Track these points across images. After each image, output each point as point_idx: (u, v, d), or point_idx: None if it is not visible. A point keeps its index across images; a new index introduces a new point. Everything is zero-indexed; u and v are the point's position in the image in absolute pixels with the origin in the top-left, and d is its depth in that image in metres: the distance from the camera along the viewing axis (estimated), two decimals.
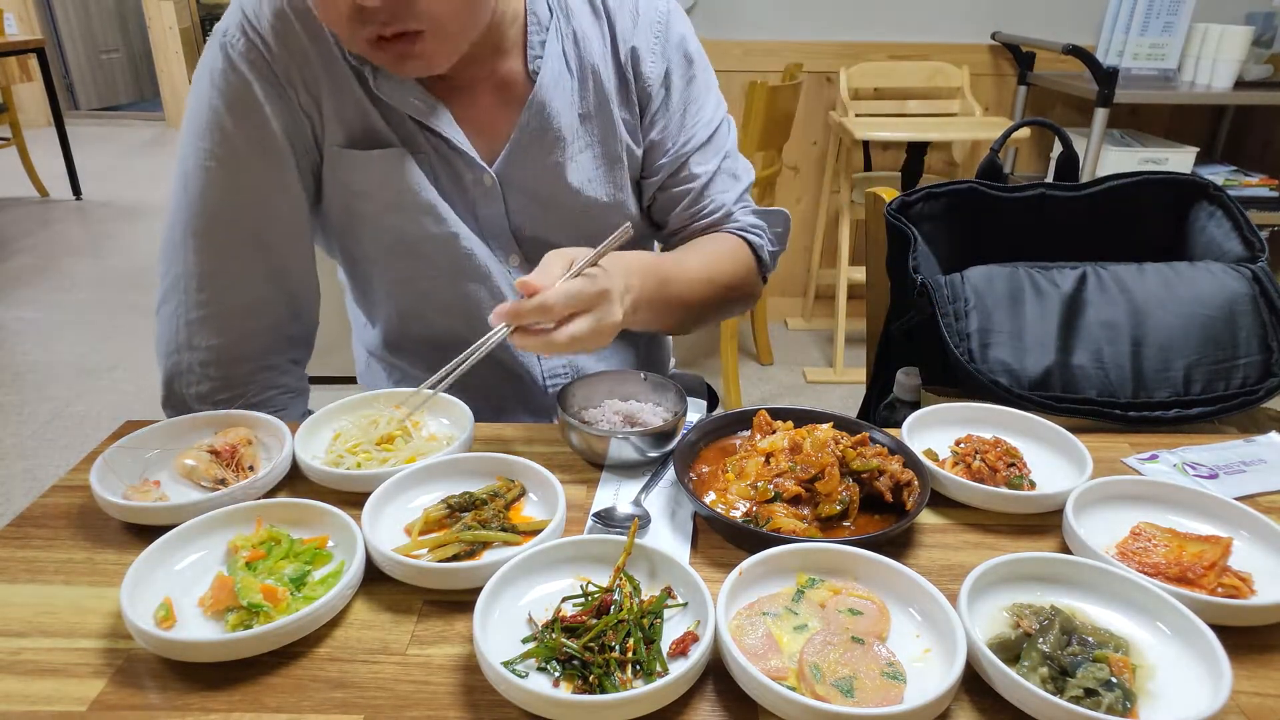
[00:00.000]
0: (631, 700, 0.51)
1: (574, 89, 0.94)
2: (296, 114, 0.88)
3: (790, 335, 3.25)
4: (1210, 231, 1.02)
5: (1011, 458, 0.77)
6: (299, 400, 0.97)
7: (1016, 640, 0.57)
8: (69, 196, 4.86)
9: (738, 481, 0.74)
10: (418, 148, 0.91)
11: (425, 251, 0.94)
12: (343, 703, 0.54)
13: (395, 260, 0.96)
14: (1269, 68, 2.81)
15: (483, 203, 0.95)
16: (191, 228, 0.88)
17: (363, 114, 0.89)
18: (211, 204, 0.87)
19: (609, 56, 0.96)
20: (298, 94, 0.87)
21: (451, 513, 0.70)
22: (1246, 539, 0.68)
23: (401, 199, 0.91)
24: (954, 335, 0.93)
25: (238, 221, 0.88)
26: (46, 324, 3.26)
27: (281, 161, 0.88)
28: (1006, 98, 3.06)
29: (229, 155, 0.86)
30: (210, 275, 0.88)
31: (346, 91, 0.88)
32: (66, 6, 6.80)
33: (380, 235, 0.94)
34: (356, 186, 0.91)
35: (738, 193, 1.04)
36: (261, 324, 0.92)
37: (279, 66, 0.86)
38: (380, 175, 0.90)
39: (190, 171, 0.87)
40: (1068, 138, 1.19)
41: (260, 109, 0.86)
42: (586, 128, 0.96)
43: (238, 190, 0.87)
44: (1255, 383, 0.91)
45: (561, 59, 0.93)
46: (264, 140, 0.87)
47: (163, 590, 0.61)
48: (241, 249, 0.89)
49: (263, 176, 0.88)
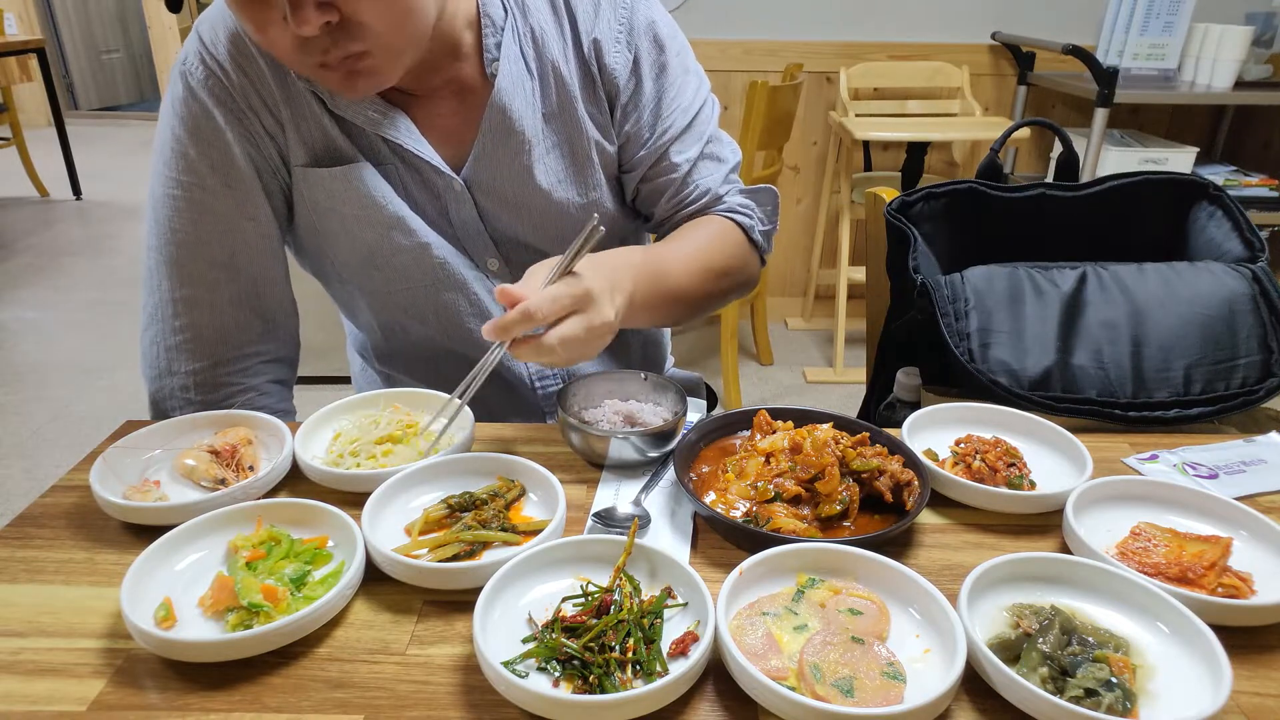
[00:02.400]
0: (631, 700, 0.51)
1: (534, 89, 0.92)
2: (260, 139, 0.88)
3: (790, 335, 3.25)
4: (1210, 231, 1.02)
5: (1011, 458, 0.77)
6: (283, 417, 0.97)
7: (1016, 640, 0.57)
8: (69, 196, 4.86)
9: (738, 481, 0.74)
10: (382, 159, 0.90)
11: (397, 264, 0.94)
12: (343, 703, 0.54)
13: (368, 275, 0.96)
14: (1269, 68, 2.81)
15: (455, 208, 0.94)
16: (164, 255, 0.89)
17: (323, 131, 0.89)
18: (180, 232, 0.88)
19: (570, 51, 0.93)
20: (260, 118, 0.87)
21: (451, 513, 0.70)
22: (1246, 539, 0.68)
23: (368, 214, 0.90)
24: (954, 335, 0.93)
25: (207, 248, 0.89)
26: (46, 324, 3.26)
27: (247, 188, 0.89)
28: (1006, 98, 3.06)
29: (194, 184, 0.87)
30: (185, 302, 0.89)
31: (306, 111, 0.88)
32: (66, 6, 6.80)
33: (351, 251, 0.94)
34: (323, 204, 0.91)
35: (723, 175, 1.01)
36: (238, 348, 0.92)
37: (238, 93, 0.86)
38: (344, 191, 0.90)
39: (159, 200, 0.88)
40: (1068, 138, 1.19)
41: (222, 136, 0.86)
42: (551, 128, 0.93)
43: (205, 218, 0.88)
44: (1255, 383, 0.91)
45: (520, 60, 0.91)
46: (228, 168, 0.87)
47: (163, 590, 0.61)
48: (213, 275, 0.89)
49: (229, 204, 0.88)
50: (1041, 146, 3.14)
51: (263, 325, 0.94)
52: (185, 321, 0.89)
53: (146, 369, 0.92)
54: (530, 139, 0.92)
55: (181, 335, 0.90)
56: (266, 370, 0.95)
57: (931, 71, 2.93)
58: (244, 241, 0.90)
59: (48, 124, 4.77)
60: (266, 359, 0.95)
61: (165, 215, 0.88)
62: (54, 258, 3.98)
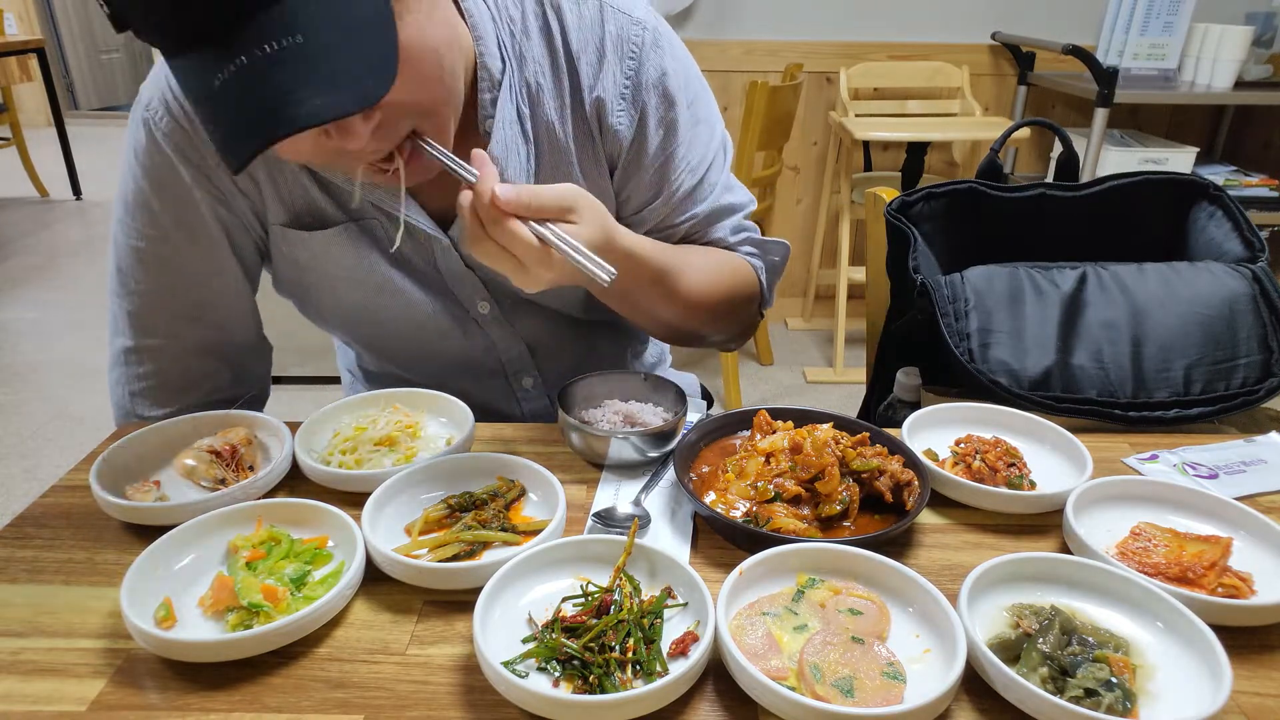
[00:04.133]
0: (631, 700, 0.51)
1: (529, 154, 0.85)
2: (231, 196, 0.84)
3: (790, 335, 3.25)
4: (1210, 231, 1.02)
5: (1011, 458, 0.77)
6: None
7: (1016, 640, 0.57)
8: (69, 196, 4.86)
9: (738, 481, 0.74)
10: (365, 214, 0.86)
11: (384, 320, 0.92)
12: (343, 703, 0.54)
13: (355, 326, 0.94)
14: (1269, 68, 2.81)
15: (442, 257, 0.89)
16: (125, 305, 0.86)
17: (304, 190, 0.84)
18: (143, 285, 0.85)
19: (568, 111, 0.85)
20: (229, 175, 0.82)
21: (451, 513, 0.70)
22: (1246, 539, 0.68)
23: (353, 275, 0.87)
24: (954, 335, 0.93)
25: (170, 302, 0.86)
26: (46, 324, 3.26)
27: (213, 245, 0.85)
28: (1006, 98, 3.06)
29: (158, 238, 0.83)
30: (148, 350, 0.87)
31: (285, 169, 0.83)
32: (66, 6, 6.80)
33: (336, 306, 0.92)
34: (305, 263, 0.88)
35: (733, 224, 0.95)
36: (203, 394, 0.91)
37: (207, 148, 0.80)
38: (326, 255, 0.86)
39: (121, 250, 0.85)
40: (1068, 138, 1.19)
41: (188, 193, 0.82)
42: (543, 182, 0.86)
43: (167, 274, 0.85)
44: (1255, 383, 0.91)
45: (515, 123, 0.84)
46: (193, 225, 0.83)
47: (163, 590, 0.61)
48: (176, 327, 0.87)
49: (194, 260, 0.85)
50: (1041, 146, 3.14)
51: (230, 372, 0.92)
52: (149, 369, 0.88)
53: (113, 404, 0.91)
54: None
55: (144, 382, 0.88)
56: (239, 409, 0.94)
57: (931, 71, 2.93)
58: (210, 294, 0.87)
59: (48, 124, 4.77)
60: (234, 402, 0.93)
61: (128, 266, 0.84)
62: (54, 258, 3.98)
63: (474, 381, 0.97)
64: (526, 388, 1.00)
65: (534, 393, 1.01)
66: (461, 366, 0.96)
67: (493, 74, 0.81)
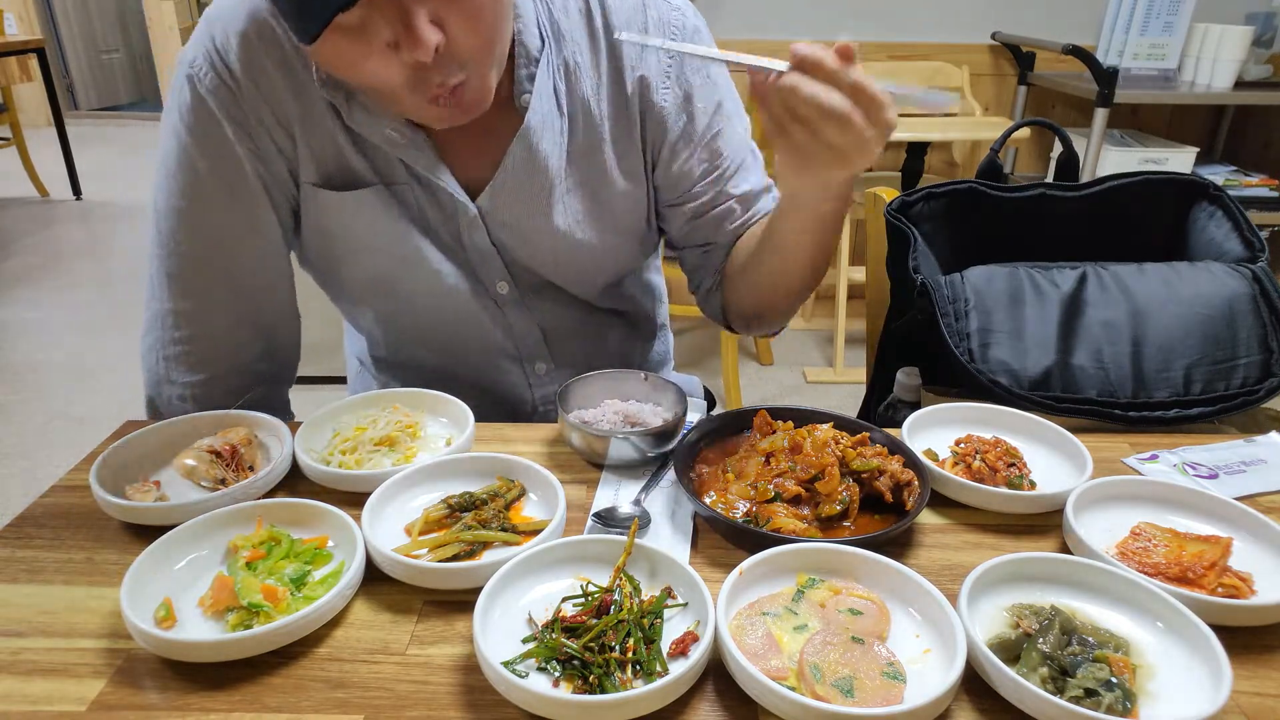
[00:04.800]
0: (631, 700, 0.51)
1: (563, 129, 0.88)
2: (270, 154, 0.85)
3: (790, 335, 3.25)
4: (1210, 231, 1.02)
5: (1011, 458, 0.77)
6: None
7: (1016, 640, 0.57)
8: (69, 196, 4.86)
9: (738, 481, 0.74)
10: (396, 179, 0.87)
11: (406, 292, 0.92)
12: (343, 703, 0.54)
13: (375, 296, 0.95)
14: (1269, 68, 2.81)
15: (468, 232, 0.90)
16: (165, 267, 0.86)
17: (337, 149, 0.85)
18: (184, 245, 0.85)
19: (605, 90, 0.88)
20: (270, 133, 0.84)
21: (451, 513, 0.70)
22: (1246, 539, 0.68)
23: (381, 241, 0.88)
24: (954, 335, 0.93)
25: (210, 263, 0.86)
26: (46, 324, 3.26)
27: (254, 203, 0.85)
28: (1006, 98, 3.06)
29: (200, 197, 0.84)
30: (185, 315, 0.87)
31: (321, 126, 0.84)
32: (66, 6, 6.80)
33: (359, 274, 0.92)
34: (333, 228, 0.88)
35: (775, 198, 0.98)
36: (236, 365, 0.91)
37: (249, 105, 0.82)
38: (356, 217, 0.87)
39: (163, 211, 0.85)
40: (1068, 138, 1.19)
41: (231, 150, 0.83)
42: (575, 168, 0.90)
43: (209, 233, 0.85)
44: (1255, 383, 0.91)
45: (552, 97, 0.87)
46: (235, 183, 0.84)
47: (163, 590, 0.61)
48: (214, 291, 0.87)
49: (235, 219, 0.85)
50: (1041, 146, 3.14)
51: (263, 344, 0.92)
52: (184, 334, 0.88)
53: (145, 372, 0.91)
54: (553, 179, 0.89)
55: (180, 347, 0.88)
56: (265, 380, 0.94)
57: (931, 71, 2.93)
58: (248, 257, 0.88)
59: (48, 124, 4.77)
60: (264, 376, 0.94)
61: (168, 227, 0.85)
62: (54, 258, 3.98)
63: (488, 362, 0.98)
64: (539, 373, 1.01)
65: (546, 379, 1.02)
66: (477, 346, 0.97)
67: (530, 51, 0.85)
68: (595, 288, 0.99)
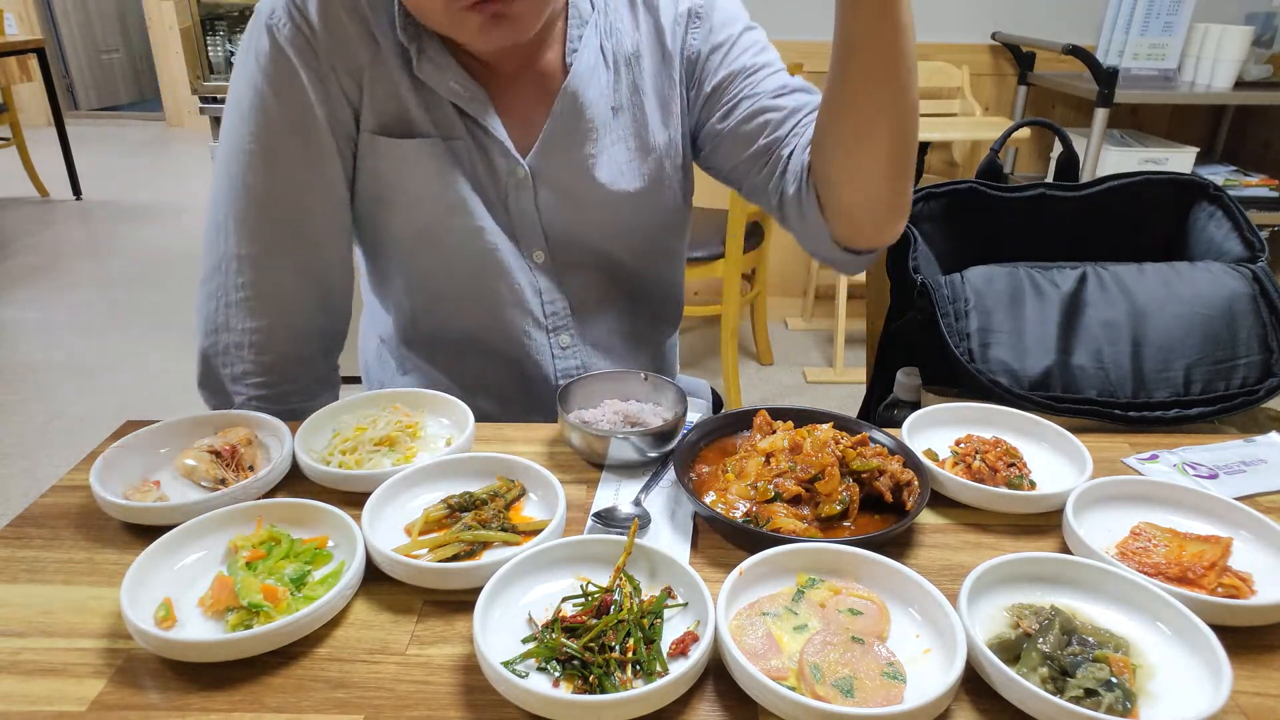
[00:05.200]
0: (631, 700, 0.51)
1: (608, 81, 0.94)
2: (339, 101, 0.88)
3: (790, 335, 3.25)
4: (1210, 231, 1.03)
5: (1011, 458, 0.77)
6: (328, 392, 0.98)
7: (1016, 640, 0.57)
8: (69, 196, 4.86)
9: (738, 481, 0.74)
10: (454, 134, 0.91)
11: (449, 245, 0.94)
12: (343, 703, 0.54)
13: (418, 251, 0.96)
14: (1269, 68, 2.81)
15: (514, 195, 0.94)
16: (232, 210, 0.88)
17: (400, 99, 0.88)
18: (253, 188, 0.87)
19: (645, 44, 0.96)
20: (340, 81, 0.87)
21: (451, 513, 0.70)
22: (1246, 539, 0.68)
23: (430, 191, 0.91)
24: (954, 335, 0.93)
25: (277, 208, 0.88)
26: (46, 324, 3.26)
27: (323, 150, 0.88)
28: (1006, 98, 3.06)
29: (272, 140, 0.86)
30: (250, 259, 0.88)
31: (387, 75, 0.88)
32: (66, 6, 6.80)
33: (406, 225, 0.94)
34: (388, 176, 0.91)
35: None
36: (294, 314, 0.92)
37: (323, 52, 0.85)
38: (412, 165, 0.90)
39: (233, 154, 0.87)
40: (1068, 138, 1.19)
41: (305, 95, 0.86)
42: (618, 120, 0.96)
43: (279, 176, 0.87)
44: (1255, 383, 0.91)
45: (598, 52, 0.94)
46: (308, 128, 0.87)
47: (163, 590, 0.61)
48: (281, 237, 0.89)
49: (304, 165, 0.88)
50: (1041, 146, 3.14)
51: (319, 297, 0.94)
52: (248, 279, 0.89)
53: (201, 324, 0.92)
54: (598, 129, 0.94)
55: (243, 293, 0.89)
56: (318, 339, 0.96)
57: (931, 71, 2.93)
58: (315, 203, 0.90)
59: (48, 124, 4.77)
60: (319, 328, 0.95)
61: (238, 170, 0.87)
62: (54, 258, 3.98)
63: (517, 328, 0.99)
64: (563, 345, 1.03)
65: (569, 353, 1.03)
66: (509, 310, 0.98)
67: (582, 14, 0.94)
68: (630, 250, 1.02)
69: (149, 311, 3.39)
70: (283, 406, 0.92)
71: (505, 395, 1.03)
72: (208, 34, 2.50)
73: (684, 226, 1.10)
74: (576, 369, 1.03)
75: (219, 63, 2.53)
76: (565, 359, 1.03)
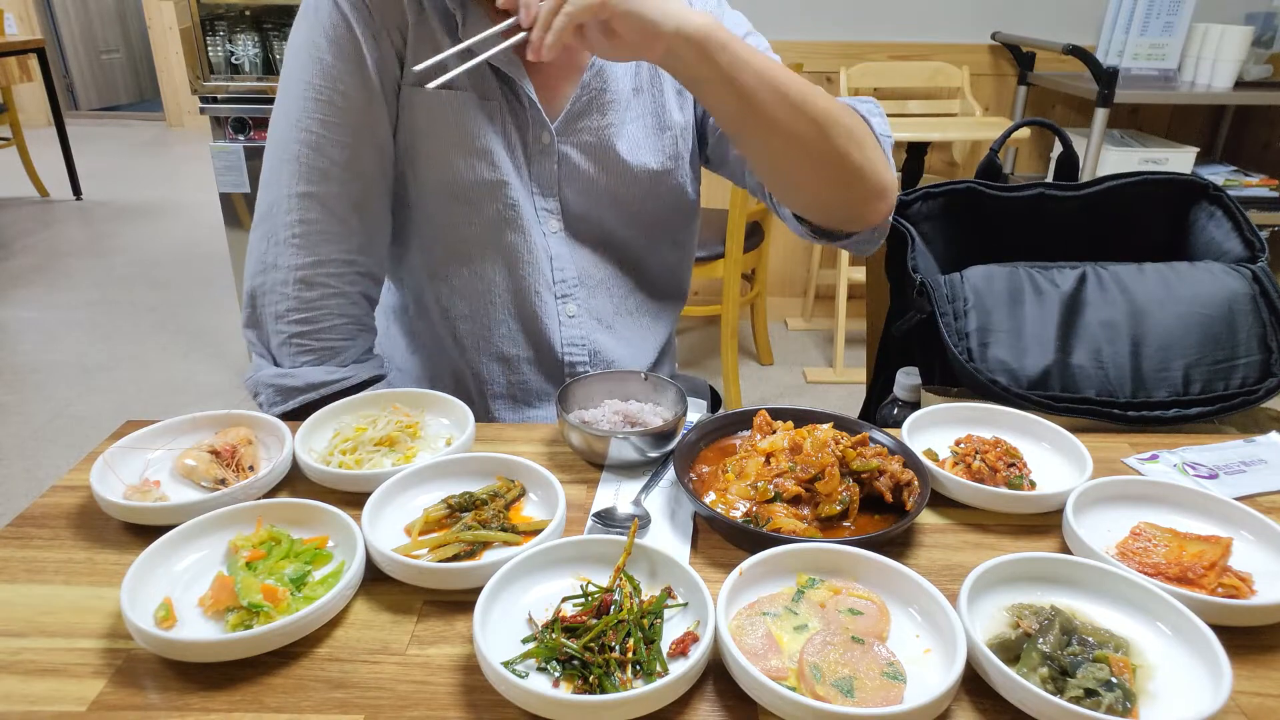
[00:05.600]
0: (631, 700, 0.51)
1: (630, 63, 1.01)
2: (389, 56, 0.92)
3: (790, 335, 3.25)
4: (1210, 231, 1.02)
5: (1011, 458, 0.77)
6: (365, 336, 0.99)
7: (1016, 640, 0.57)
8: (69, 196, 4.86)
9: (738, 481, 0.74)
10: (489, 95, 0.96)
11: (473, 197, 0.97)
12: (343, 703, 0.54)
13: (445, 204, 0.99)
14: (1269, 68, 2.81)
15: (537, 159, 0.99)
16: (289, 152, 0.91)
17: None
18: (310, 133, 0.91)
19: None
20: (390, 37, 0.92)
21: (451, 513, 0.70)
22: (1246, 539, 0.68)
23: (463, 141, 0.95)
24: (953, 335, 0.93)
25: (332, 147, 0.91)
26: (46, 324, 3.26)
27: (373, 101, 0.92)
28: (1006, 98, 3.06)
29: (328, 88, 0.91)
30: (301, 198, 0.91)
31: (430, 34, 0.93)
32: (66, 6, 6.80)
33: (436, 176, 0.97)
34: (423, 125, 0.95)
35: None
36: (341, 252, 0.94)
37: (376, 10, 0.91)
38: (448, 115, 0.94)
39: (292, 99, 0.92)
40: (1067, 138, 1.19)
41: (359, 49, 0.90)
42: (638, 99, 1.03)
43: (334, 121, 0.91)
44: (1255, 383, 0.91)
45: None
46: (361, 80, 0.91)
47: (163, 590, 0.61)
48: (333, 173, 0.92)
49: (358, 111, 0.92)
50: (1041, 146, 3.14)
51: (364, 235, 0.96)
52: (298, 217, 0.92)
53: (251, 263, 0.95)
54: (620, 105, 1.01)
55: (292, 230, 0.92)
56: (360, 282, 0.97)
57: (931, 71, 2.93)
58: (364, 149, 0.93)
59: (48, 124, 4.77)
60: (361, 270, 0.97)
61: (296, 114, 0.91)
62: (54, 258, 3.98)
63: (529, 289, 1.03)
64: (568, 314, 1.06)
65: (573, 323, 1.06)
66: (524, 268, 1.02)
67: None
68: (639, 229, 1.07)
69: (149, 311, 3.39)
70: (319, 344, 0.93)
71: (511, 359, 1.05)
72: (208, 34, 2.50)
73: (692, 216, 1.14)
74: (580, 339, 1.06)
75: (219, 63, 2.53)
76: (570, 327, 1.06)
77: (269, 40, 2.55)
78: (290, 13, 2.54)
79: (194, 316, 3.35)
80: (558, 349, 1.06)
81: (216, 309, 3.40)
